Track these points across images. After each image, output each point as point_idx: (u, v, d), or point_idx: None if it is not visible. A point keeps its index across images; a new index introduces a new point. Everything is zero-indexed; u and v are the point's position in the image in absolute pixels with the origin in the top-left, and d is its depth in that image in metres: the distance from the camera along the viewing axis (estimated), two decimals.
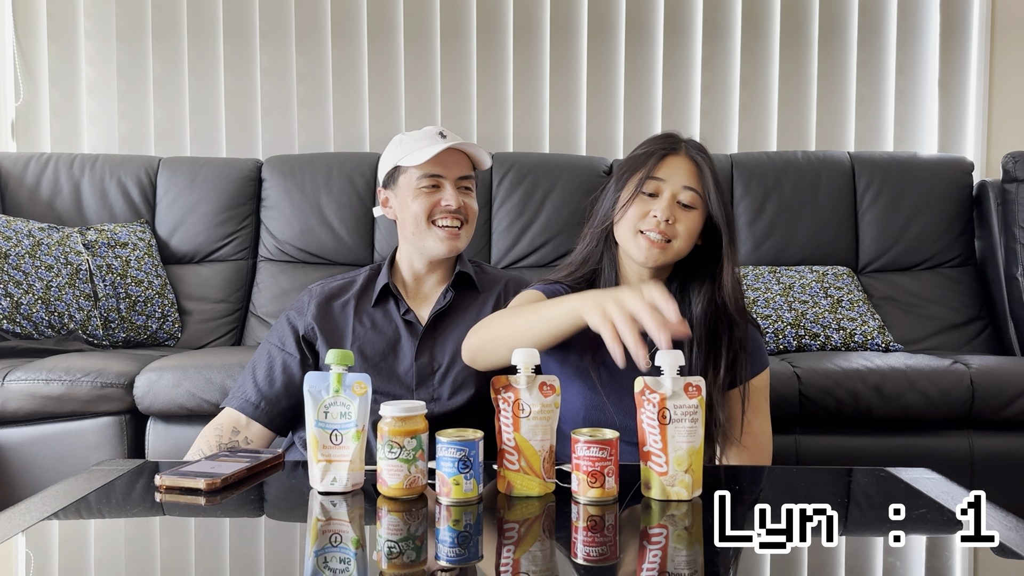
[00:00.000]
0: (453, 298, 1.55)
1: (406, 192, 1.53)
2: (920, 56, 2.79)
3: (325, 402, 1.06)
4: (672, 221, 1.27)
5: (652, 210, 1.27)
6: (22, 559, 0.87)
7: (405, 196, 1.53)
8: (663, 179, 1.28)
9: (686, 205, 1.28)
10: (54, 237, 2.31)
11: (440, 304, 1.54)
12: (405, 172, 1.52)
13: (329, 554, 0.87)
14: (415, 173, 1.51)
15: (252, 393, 1.51)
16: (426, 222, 1.51)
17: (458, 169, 1.53)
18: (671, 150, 1.30)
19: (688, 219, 1.28)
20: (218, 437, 1.48)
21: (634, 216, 1.28)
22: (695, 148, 1.32)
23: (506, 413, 1.05)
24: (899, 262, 2.51)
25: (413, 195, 1.51)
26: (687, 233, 1.27)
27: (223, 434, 1.48)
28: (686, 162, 1.29)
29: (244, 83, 2.81)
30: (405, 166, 1.52)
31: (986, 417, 1.86)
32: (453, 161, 1.52)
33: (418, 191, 1.51)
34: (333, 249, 2.51)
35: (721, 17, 2.80)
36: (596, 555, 0.88)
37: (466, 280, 1.57)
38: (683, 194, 1.28)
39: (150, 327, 2.35)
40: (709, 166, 1.29)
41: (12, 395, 1.86)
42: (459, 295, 1.56)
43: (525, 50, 2.81)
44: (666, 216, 1.26)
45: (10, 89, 2.79)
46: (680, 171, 1.28)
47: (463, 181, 1.54)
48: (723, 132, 2.81)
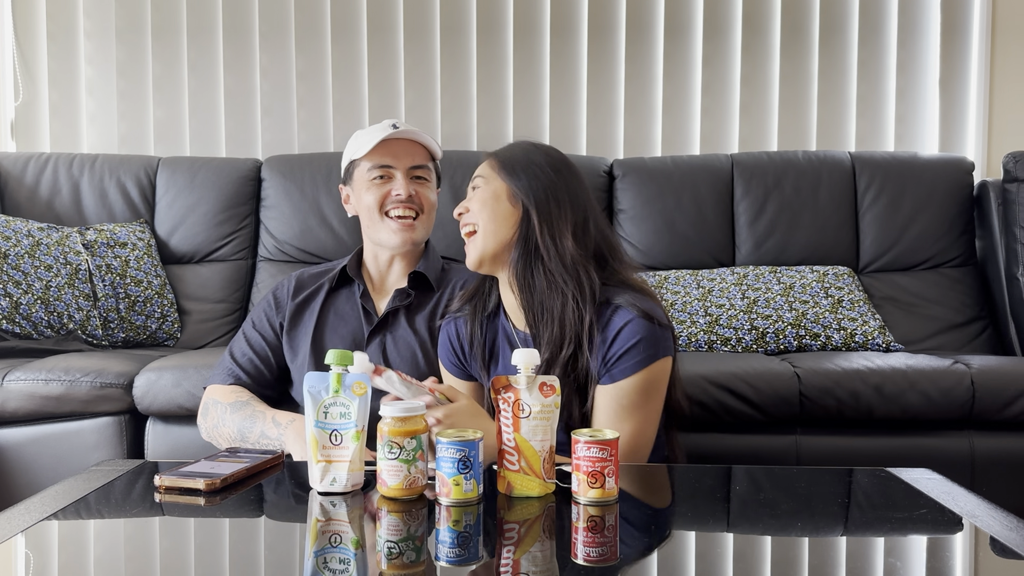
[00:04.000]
0: (412, 297, 1.55)
1: (360, 185, 1.54)
2: (921, 55, 2.78)
3: (325, 402, 1.06)
4: (466, 209, 1.34)
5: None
6: (22, 559, 0.87)
7: (359, 189, 1.54)
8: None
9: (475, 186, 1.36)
10: (53, 237, 2.31)
11: (395, 303, 1.54)
12: (358, 165, 1.54)
13: (329, 554, 0.87)
14: (366, 165, 1.52)
15: (232, 367, 1.56)
16: (379, 213, 1.52)
17: (409, 159, 1.52)
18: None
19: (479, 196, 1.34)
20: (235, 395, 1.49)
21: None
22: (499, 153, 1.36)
23: (506, 413, 1.05)
24: (900, 262, 2.51)
25: (366, 187, 1.52)
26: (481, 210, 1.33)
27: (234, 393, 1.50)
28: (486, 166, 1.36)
29: (244, 83, 2.81)
30: (357, 159, 1.53)
31: (987, 417, 1.86)
32: (404, 151, 1.52)
33: (370, 183, 1.52)
34: (333, 249, 2.51)
35: (721, 16, 2.80)
36: (596, 555, 0.87)
37: (423, 280, 1.57)
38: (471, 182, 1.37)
39: (149, 327, 2.35)
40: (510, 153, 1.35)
41: (11, 395, 1.85)
42: (417, 294, 1.56)
43: (525, 50, 2.80)
44: (461, 208, 1.35)
45: (9, 89, 2.79)
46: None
47: (416, 171, 1.54)
48: (723, 132, 2.81)
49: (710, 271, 2.40)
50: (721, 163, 2.55)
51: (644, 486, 1.15)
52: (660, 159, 2.59)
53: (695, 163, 2.56)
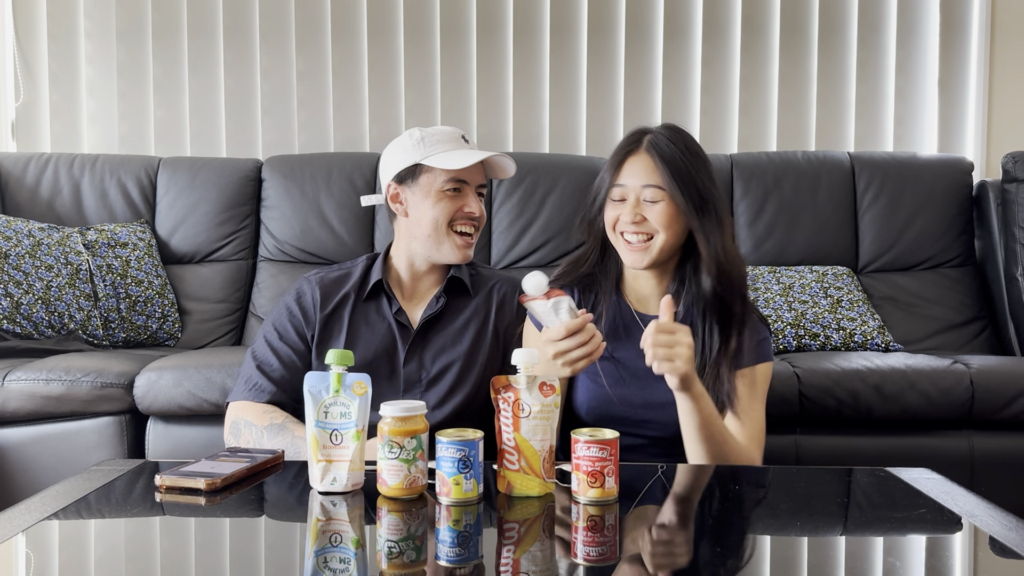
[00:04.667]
0: (445, 303, 1.52)
1: (426, 193, 1.48)
2: (920, 56, 2.79)
3: (325, 402, 1.06)
4: (641, 220, 1.32)
5: (621, 215, 1.33)
6: (22, 559, 0.87)
7: (424, 197, 1.48)
8: (624, 184, 1.34)
9: (652, 201, 1.32)
10: (54, 237, 2.31)
11: (432, 309, 1.51)
12: (429, 172, 1.47)
13: (329, 554, 0.87)
14: (441, 176, 1.46)
15: (263, 383, 1.48)
16: (446, 228, 1.48)
17: (479, 176, 1.51)
18: (630, 152, 1.35)
19: (657, 212, 1.32)
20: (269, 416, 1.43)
21: (610, 222, 1.36)
22: (658, 141, 1.34)
23: (506, 413, 1.05)
24: (899, 262, 2.51)
25: (436, 198, 1.47)
26: (663, 225, 1.32)
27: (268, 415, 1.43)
28: (644, 160, 1.33)
29: (244, 83, 2.81)
30: (431, 166, 1.47)
31: (986, 417, 1.86)
32: (476, 168, 1.49)
33: (441, 194, 1.47)
34: (333, 249, 2.51)
35: (721, 17, 2.80)
36: (596, 555, 0.88)
37: (458, 284, 1.55)
38: (645, 192, 1.32)
39: (150, 327, 2.35)
40: (673, 154, 1.32)
41: (12, 395, 1.85)
42: (450, 299, 1.53)
43: (525, 50, 2.80)
44: (631, 218, 1.32)
45: (10, 89, 2.79)
46: (638, 171, 1.33)
47: (481, 188, 1.53)
48: (723, 132, 2.81)
49: None
50: (721, 163, 2.55)
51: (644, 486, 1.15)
52: None
53: None
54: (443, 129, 1.51)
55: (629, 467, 1.13)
